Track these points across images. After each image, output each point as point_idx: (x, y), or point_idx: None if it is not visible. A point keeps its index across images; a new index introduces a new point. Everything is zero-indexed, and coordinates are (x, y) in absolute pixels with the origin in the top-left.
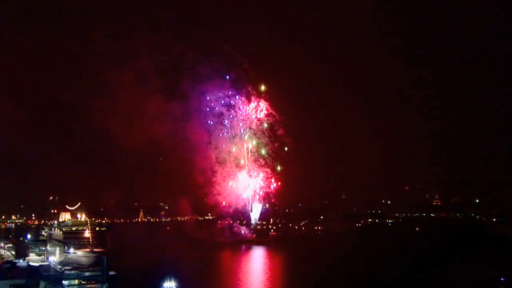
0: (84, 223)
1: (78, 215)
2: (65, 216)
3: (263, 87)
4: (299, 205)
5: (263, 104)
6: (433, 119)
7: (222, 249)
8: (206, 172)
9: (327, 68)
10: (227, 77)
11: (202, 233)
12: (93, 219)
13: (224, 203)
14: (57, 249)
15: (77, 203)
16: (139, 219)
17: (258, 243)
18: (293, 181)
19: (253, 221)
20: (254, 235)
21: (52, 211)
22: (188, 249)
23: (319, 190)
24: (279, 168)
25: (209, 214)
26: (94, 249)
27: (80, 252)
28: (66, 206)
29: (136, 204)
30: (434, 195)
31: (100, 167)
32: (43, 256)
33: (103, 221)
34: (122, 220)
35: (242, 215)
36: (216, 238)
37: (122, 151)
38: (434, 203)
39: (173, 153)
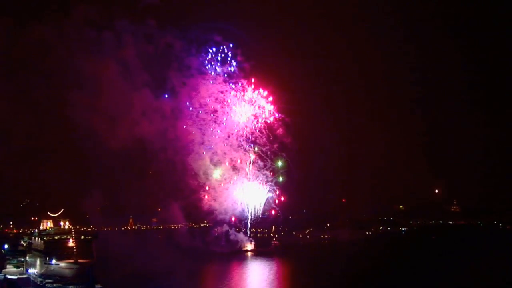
0: (68, 232)
1: (61, 223)
2: (47, 224)
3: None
4: (304, 211)
5: (260, 100)
6: (451, 120)
7: (217, 259)
8: (200, 175)
9: (331, 63)
10: (210, 52)
11: (195, 242)
12: (77, 227)
13: (219, 209)
14: (38, 260)
15: (60, 210)
16: (129, 227)
17: (259, 253)
18: (296, 185)
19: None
20: (254, 244)
21: (32, 218)
22: (180, 260)
23: (325, 195)
24: (281, 179)
25: (205, 221)
26: (79, 260)
27: (63, 264)
28: (48, 212)
29: (125, 210)
30: (452, 201)
31: (84, 169)
32: (21, 268)
33: (89, 229)
34: (109, 228)
35: (239, 222)
36: (211, 248)
37: (107, 152)
38: (452, 210)
39: (163, 154)
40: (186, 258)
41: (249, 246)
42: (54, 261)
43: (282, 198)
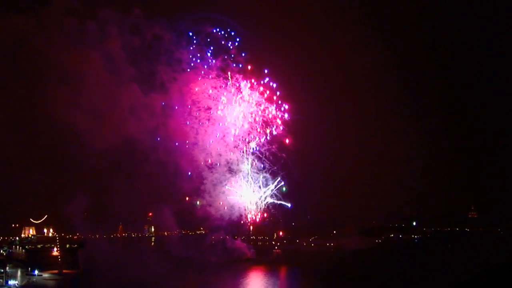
0: (52, 240)
1: (45, 230)
2: (29, 231)
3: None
4: (308, 217)
5: (258, 97)
6: (466, 119)
7: (213, 270)
8: (193, 179)
9: (333, 58)
10: (203, 44)
11: (189, 250)
12: (62, 234)
13: (215, 214)
14: (19, 270)
15: (43, 216)
16: (118, 234)
17: (259, 262)
18: (298, 188)
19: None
20: (254, 252)
21: (13, 225)
22: (172, 270)
23: (331, 199)
24: (284, 189)
25: (201, 228)
26: (64, 271)
27: (46, 274)
28: (30, 219)
29: (114, 216)
30: (469, 206)
31: (69, 172)
32: (1, 280)
33: (75, 237)
34: (97, 236)
35: (236, 229)
36: (206, 257)
37: (93, 153)
38: (470, 216)
39: (154, 155)
40: (179, 268)
41: (249, 254)
42: (36, 272)
43: (286, 205)
